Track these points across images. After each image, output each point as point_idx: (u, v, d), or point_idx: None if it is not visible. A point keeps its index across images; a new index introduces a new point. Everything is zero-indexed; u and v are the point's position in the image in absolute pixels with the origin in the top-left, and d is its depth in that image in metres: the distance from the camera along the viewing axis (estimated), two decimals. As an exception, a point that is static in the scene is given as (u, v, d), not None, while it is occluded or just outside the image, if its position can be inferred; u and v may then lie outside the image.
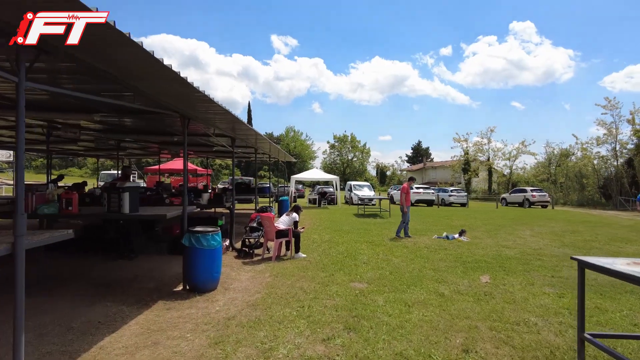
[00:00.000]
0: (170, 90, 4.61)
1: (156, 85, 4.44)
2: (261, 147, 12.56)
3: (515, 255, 8.53)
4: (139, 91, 4.47)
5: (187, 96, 4.86)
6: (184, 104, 5.37)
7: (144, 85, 4.40)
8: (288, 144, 72.52)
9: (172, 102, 5.23)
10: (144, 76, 4.11)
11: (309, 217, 17.02)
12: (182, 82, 4.17)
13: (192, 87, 4.37)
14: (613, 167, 29.66)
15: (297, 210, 8.10)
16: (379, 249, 9.01)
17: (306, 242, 9.81)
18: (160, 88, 4.56)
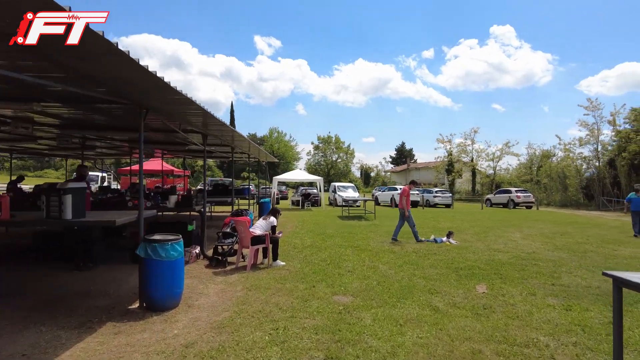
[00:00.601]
0: (116, 73, 3.85)
1: (98, 66, 3.67)
2: (239, 146, 11.78)
3: (510, 260, 7.98)
4: (76, 72, 3.68)
5: (141, 81, 4.10)
6: (137, 91, 4.59)
7: (84, 66, 3.63)
8: (272, 145, 71.56)
9: (123, 89, 4.45)
10: (84, 55, 3.35)
11: (291, 219, 16.29)
12: (131, 64, 3.42)
13: (145, 70, 3.62)
14: (595, 168, 29.81)
15: (275, 213, 7.38)
16: (364, 255, 8.35)
17: (286, 247, 9.09)
18: (104, 69, 3.79)
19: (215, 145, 10.36)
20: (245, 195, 14.72)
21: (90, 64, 3.64)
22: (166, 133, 7.64)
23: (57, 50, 3.24)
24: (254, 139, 79.38)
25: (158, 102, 5.05)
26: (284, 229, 12.77)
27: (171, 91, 4.34)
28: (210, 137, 8.74)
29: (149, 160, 21.14)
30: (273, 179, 23.85)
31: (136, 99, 4.81)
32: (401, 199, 10.55)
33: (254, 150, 14.22)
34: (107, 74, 3.95)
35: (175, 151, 14.90)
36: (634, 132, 25.62)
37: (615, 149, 28.23)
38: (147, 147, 13.34)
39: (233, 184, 10.75)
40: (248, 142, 11.94)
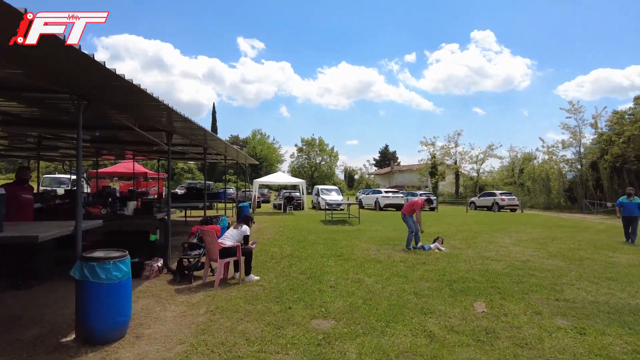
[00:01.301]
0: (39, 52, 3.02)
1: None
2: (214, 147, 10.93)
3: (504, 271, 7.37)
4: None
5: (72, 63, 3.28)
6: (71, 77, 3.75)
7: None
8: (254, 147, 70.36)
9: (53, 73, 3.62)
10: None
11: (272, 224, 15.47)
12: (57, 41, 2.64)
13: (78, 51, 2.85)
14: (577, 171, 29.87)
15: (248, 221, 6.58)
16: (348, 265, 7.62)
17: (263, 257, 8.29)
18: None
19: (185, 145, 9.50)
20: (220, 199, 13.79)
21: None
22: (133, 132, 6.75)
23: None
24: (236, 141, 78.08)
25: (99, 92, 4.21)
26: (262, 235, 11.95)
27: (111, 76, 3.52)
28: (177, 135, 7.90)
29: (124, 162, 20.05)
30: (254, 182, 22.93)
31: (72, 87, 3.97)
32: (417, 215, 9.77)
33: (231, 152, 13.37)
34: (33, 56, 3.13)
35: (147, 152, 13.93)
36: (616, 135, 25.68)
37: (598, 151, 28.31)
38: (116, 147, 12.37)
39: (205, 187, 9.83)
40: (224, 143, 11.11)
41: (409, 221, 9.91)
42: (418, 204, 9.81)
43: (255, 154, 68.59)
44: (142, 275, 6.42)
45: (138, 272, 6.43)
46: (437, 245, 9.66)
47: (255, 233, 12.59)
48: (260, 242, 10.65)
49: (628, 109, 27.07)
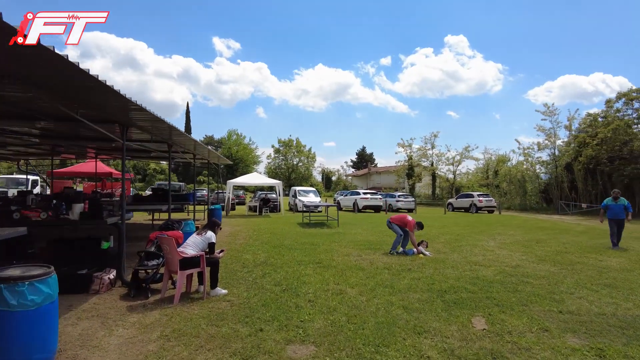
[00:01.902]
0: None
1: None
2: (180, 144, 10.00)
3: (497, 278, 6.83)
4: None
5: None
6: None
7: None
8: (230, 148, 68.90)
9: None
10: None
11: (246, 227, 14.60)
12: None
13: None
14: (552, 172, 30.23)
15: (213, 227, 5.75)
16: (328, 274, 6.90)
17: (233, 266, 7.47)
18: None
19: (146, 141, 8.56)
20: (189, 201, 12.82)
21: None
22: (85, 126, 5.82)
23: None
24: (210, 141, 76.31)
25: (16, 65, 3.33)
26: (235, 240, 11.10)
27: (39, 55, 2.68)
28: (137, 130, 7.00)
29: (88, 162, 18.71)
30: (227, 183, 21.92)
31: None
32: (411, 235, 9.10)
33: (201, 150, 12.44)
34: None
35: (108, 150, 12.83)
36: (590, 137, 26.05)
37: (572, 153, 28.71)
38: (73, 145, 11.26)
39: (170, 188, 8.87)
40: (192, 141, 10.21)
41: (394, 227, 9.30)
42: (411, 224, 9.14)
43: (231, 154, 67.16)
44: (90, 289, 5.51)
45: (86, 286, 5.53)
46: (422, 250, 9.09)
47: (227, 237, 11.73)
48: (232, 248, 9.81)
49: (600, 112, 27.57)
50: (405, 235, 9.24)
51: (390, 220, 9.52)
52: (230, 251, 9.25)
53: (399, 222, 9.30)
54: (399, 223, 9.28)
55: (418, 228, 9.20)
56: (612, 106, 26.68)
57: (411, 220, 9.21)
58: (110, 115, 5.66)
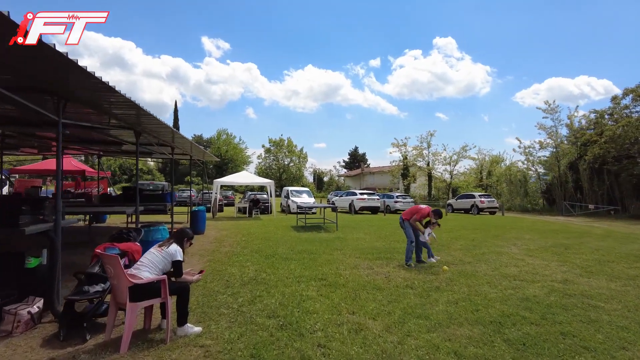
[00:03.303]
0: None
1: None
2: (154, 133, 8.34)
3: (552, 300, 5.31)
4: None
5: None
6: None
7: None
8: (219, 148, 66.81)
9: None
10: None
11: (234, 232, 12.92)
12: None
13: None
14: (554, 172, 29.00)
15: (181, 238, 4.10)
16: (337, 297, 5.31)
17: (214, 284, 5.84)
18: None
19: (110, 127, 6.85)
20: (165, 202, 11.11)
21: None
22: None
23: None
24: (199, 140, 74.19)
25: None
26: (220, 247, 9.43)
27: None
28: (80, 107, 5.32)
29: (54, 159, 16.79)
30: (214, 182, 20.15)
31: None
32: (417, 223, 7.65)
33: (181, 143, 10.76)
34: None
35: (75, 141, 11.06)
36: (597, 135, 24.84)
37: (575, 152, 27.54)
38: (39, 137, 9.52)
39: (137, 188, 7.14)
40: (170, 131, 8.56)
41: (407, 229, 7.74)
42: (422, 212, 7.62)
43: (221, 154, 65.17)
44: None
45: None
46: (427, 236, 7.55)
47: (211, 244, 10.07)
48: (215, 258, 8.17)
49: (607, 109, 26.38)
50: (418, 242, 7.72)
51: (403, 217, 7.95)
52: (212, 263, 7.61)
53: (410, 217, 7.74)
54: (410, 216, 7.73)
55: (436, 217, 7.63)
56: (619, 103, 25.54)
57: (425, 208, 7.68)
58: (38, 81, 3.99)
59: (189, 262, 7.77)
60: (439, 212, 7.62)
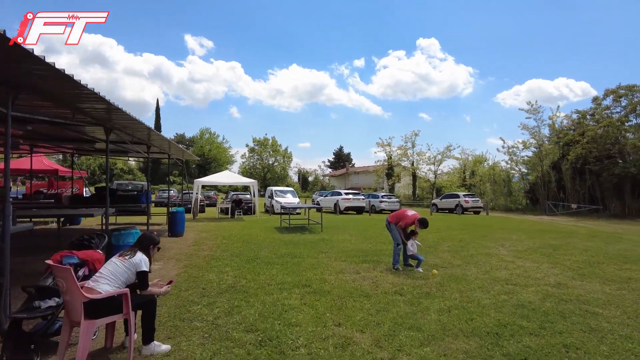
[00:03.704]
0: None
1: None
2: (127, 130, 7.82)
3: (548, 305, 5.06)
4: None
5: None
6: None
7: None
8: (202, 147, 65.75)
9: None
10: None
11: (215, 234, 12.42)
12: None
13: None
14: (537, 172, 29.25)
15: (146, 245, 3.66)
16: (322, 306, 4.93)
17: (189, 292, 5.39)
18: None
19: (76, 123, 6.32)
20: (141, 204, 10.54)
21: None
22: None
23: None
24: (181, 139, 72.94)
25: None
26: (199, 251, 8.95)
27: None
28: (38, 99, 4.82)
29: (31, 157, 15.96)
30: (195, 182, 19.53)
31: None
32: (402, 228, 7.31)
33: (158, 141, 10.23)
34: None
35: (50, 140, 10.41)
36: (579, 135, 25.11)
37: (558, 152, 27.83)
38: None
39: (108, 187, 6.61)
40: (145, 128, 8.05)
41: (393, 231, 7.42)
42: (407, 220, 7.27)
43: (204, 154, 64.18)
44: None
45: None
46: (411, 247, 7.25)
47: (190, 248, 9.58)
48: (192, 263, 7.70)
49: (589, 110, 26.72)
50: (405, 244, 7.41)
51: (389, 219, 7.64)
52: (189, 268, 7.14)
53: (395, 220, 7.42)
54: (395, 221, 7.41)
55: (421, 227, 7.30)
56: (600, 104, 25.91)
57: (411, 215, 7.31)
58: None
59: (164, 267, 7.29)
60: (424, 222, 7.26)
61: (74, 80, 3.85)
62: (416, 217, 7.28)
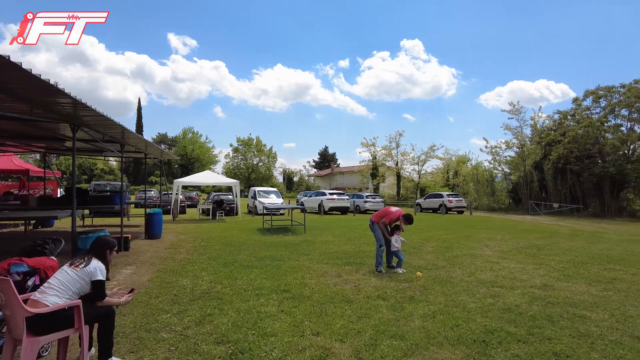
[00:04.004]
0: None
1: None
2: (98, 127, 7.40)
3: (535, 309, 4.89)
4: None
5: None
6: None
7: None
8: (185, 147, 64.71)
9: None
10: None
11: (194, 236, 12.01)
12: None
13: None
14: (520, 171, 29.56)
15: (101, 251, 3.32)
16: (301, 313, 4.65)
17: (159, 300, 5.04)
18: None
19: (36, 119, 5.88)
20: (114, 204, 10.06)
21: None
22: None
23: None
24: (163, 139, 71.73)
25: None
26: (176, 254, 8.56)
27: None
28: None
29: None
30: (174, 182, 19.00)
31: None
32: (384, 223, 7.12)
33: (134, 140, 9.79)
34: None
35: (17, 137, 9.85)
36: (561, 135, 25.45)
37: (540, 152, 28.17)
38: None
39: (75, 187, 6.17)
40: (118, 126, 7.62)
41: (377, 232, 7.20)
42: (391, 216, 7.07)
43: (186, 153, 63.24)
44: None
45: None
46: (395, 242, 7.07)
47: (166, 251, 9.19)
48: (167, 267, 7.33)
49: (570, 110, 27.12)
50: (388, 245, 7.21)
51: (372, 219, 7.42)
52: (162, 273, 6.77)
53: (379, 218, 7.21)
54: (379, 219, 7.20)
55: (406, 222, 7.10)
56: (581, 104, 26.32)
57: (395, 212, 7.11)
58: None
59: (137, 272, 6.91)
60: (409, 218, 7.07)
61: (22, 69, 3.49)
62: (400, 213, 7.10)
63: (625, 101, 23.48)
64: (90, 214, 16.23)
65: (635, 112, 23.55)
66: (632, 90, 23.27)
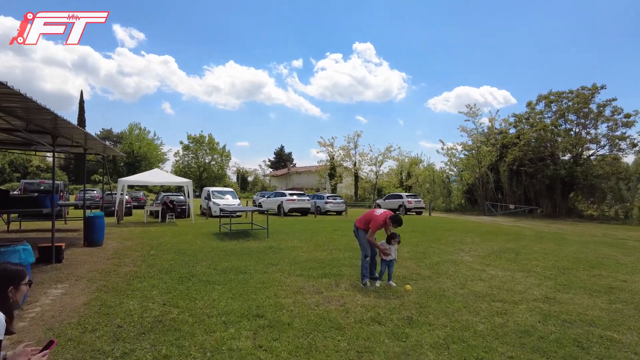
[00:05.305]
0: None
1: None
2: (12, 113, 5.94)
3: (553, 329, 4.25)
4: None
5: None
6: None
7: None
8: (132, 144, 60.67)
9: None
10: None
11: (140, 242, 10.52)
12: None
13: None
14: (476, 173, 30.21)
15: (1, 289, 2.16)
16: (283, 347, 3.66)
17: (96, 336, 3.84)
18: None
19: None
20: (44, 207, 8.43)
21: None
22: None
23: None
24: (108, 135, 67.06)
25: None
26: (119, 267, 7.18)
27: None
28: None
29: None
30: (119, 181, 17.08)
31: None
32: (374, 226, 6.13)
33: (66, 130, 8.26)
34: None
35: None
36: (516, 138, 26.18)
37: (495, 154, 28.90)
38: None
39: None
40: (49, 113, 6.21)
41: (362, 239, 6.34)
42: (377, 222, 6.16)
43: (133, 151, 59.34)
44: None
45: None
46: (385, 249, 6.26)
47: (109, 261, 7.79)
48: (109, 283, 6.01)
49: (524, 113, 28.03)
50: (374, 256, 6.42)
51: (356, 224, 6.54)
52: (102, 293, 5.48)
53: (364, 225, 6.33)
54: (364, 226, 6.32)
55: (395, 225, 6.26)
56: (534, 108, 27.26)
57: (380, 215, 6.21)
58: None
59: (69, 292, 5.56)
60: (397, 219, 6.22)
61: None
62: (387, 214, 6.23)
63: (574, 107, 24.57)
64: (18, 217, 14.11)
65: (583, 117, 24.69)
66: (579, 96, 24.39)
